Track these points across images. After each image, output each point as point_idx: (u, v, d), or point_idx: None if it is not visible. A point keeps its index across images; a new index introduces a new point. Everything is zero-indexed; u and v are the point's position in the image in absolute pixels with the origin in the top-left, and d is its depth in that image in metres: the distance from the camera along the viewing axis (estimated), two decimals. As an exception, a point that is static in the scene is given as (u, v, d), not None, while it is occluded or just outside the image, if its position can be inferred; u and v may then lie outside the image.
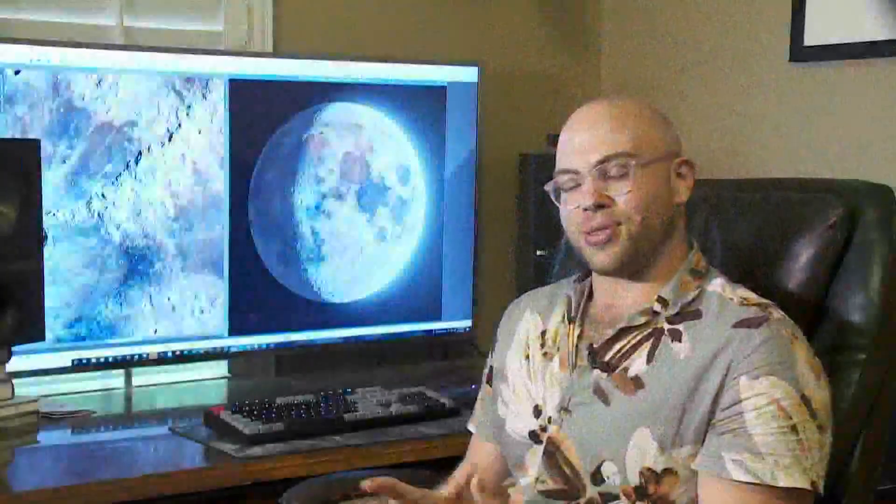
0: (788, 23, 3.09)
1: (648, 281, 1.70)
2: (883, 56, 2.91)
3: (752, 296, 1.68)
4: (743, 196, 1.94)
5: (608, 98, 1.76)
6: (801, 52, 3.08)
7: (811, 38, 3.05)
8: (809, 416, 1.56)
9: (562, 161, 1.72)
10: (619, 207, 1.66)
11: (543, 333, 1.80)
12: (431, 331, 3.20)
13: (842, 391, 1.72)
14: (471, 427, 1.96)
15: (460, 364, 3.27)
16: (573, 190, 1.70)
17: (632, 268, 1.69)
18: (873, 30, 2.91)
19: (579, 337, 1.74)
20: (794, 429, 1.55)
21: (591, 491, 1.65)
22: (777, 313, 1.64)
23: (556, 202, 1.74)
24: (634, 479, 1.62)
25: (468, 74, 3.19)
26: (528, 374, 1.79)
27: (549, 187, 1.74)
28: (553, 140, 3.23)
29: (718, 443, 1.57)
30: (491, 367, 1.91)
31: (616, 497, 1.63)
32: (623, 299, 1.72)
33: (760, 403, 1.55)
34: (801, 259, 1.80)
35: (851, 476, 1.74)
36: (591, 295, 1.79)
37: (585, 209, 1.67)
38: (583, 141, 1.69)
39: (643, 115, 1.71)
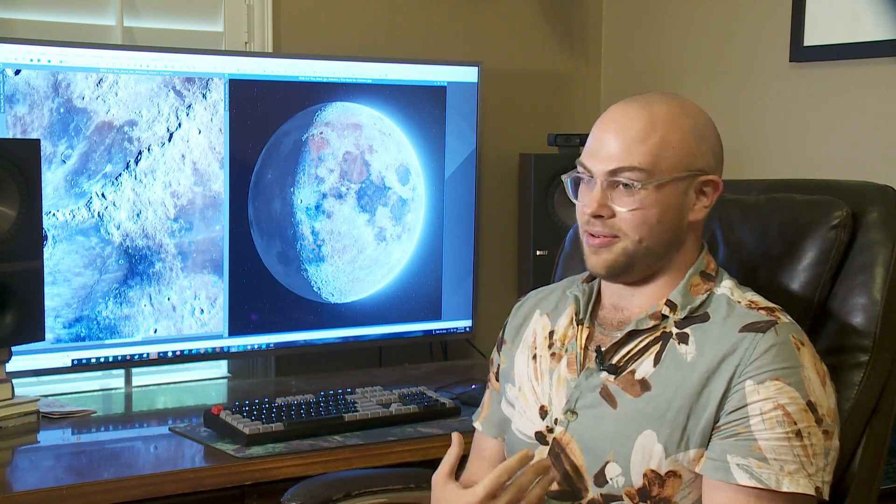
0: (788, 23, 3.08)
1: (657, 285, 1.70)
2: (883, 56, 2.90)
3: (761, 299, 1.68)
4: (745, 197, 1.93)
5: (649, 98, 1.67)
6: (801, 52, 3.07)
7: (811, 38, 3.04)
8: (815, 421, 1.56)
9: (585, 154, 1.69)
10: (620, 222, 1.64)
11: (551, 334, 1.80)
12: (431, 331, 3.20)
13: (844, 392, 1.72)
14: (476, 424, 1.94)
15: (460, 364, 3.27)
16: (587, 186, 1.68)
17: (627, 277, 1.69)
18: (873, 30, 2.91)
19: (588, 339, 1.73)
20: (799, 434, 1.55)
21: (594, 492, 1.65)
22: (785, 318, 1.64)
23: (572, 197, 1.71)
24: (638, 481, 1.62)
25: (468, 74, 3.18)
26: (535, 374, 1.78)
27: (566, 177, 1.72)
28: (554, 140, 3.27)
29: (723, 447, 1.57)
30: (498, 365, 1.90)
31: (619, 498, 1.63)
32: (631, 302, 1.72)
33: (766, 408, 1.55)
34: (804, 260, 1.80)
35: (854, 476, 1.73)
36: (599, 295, 1.78)
37: (587, 213, 1.66)
38: (605, 145, 1.65)
39: (678, 125, 1.64)
